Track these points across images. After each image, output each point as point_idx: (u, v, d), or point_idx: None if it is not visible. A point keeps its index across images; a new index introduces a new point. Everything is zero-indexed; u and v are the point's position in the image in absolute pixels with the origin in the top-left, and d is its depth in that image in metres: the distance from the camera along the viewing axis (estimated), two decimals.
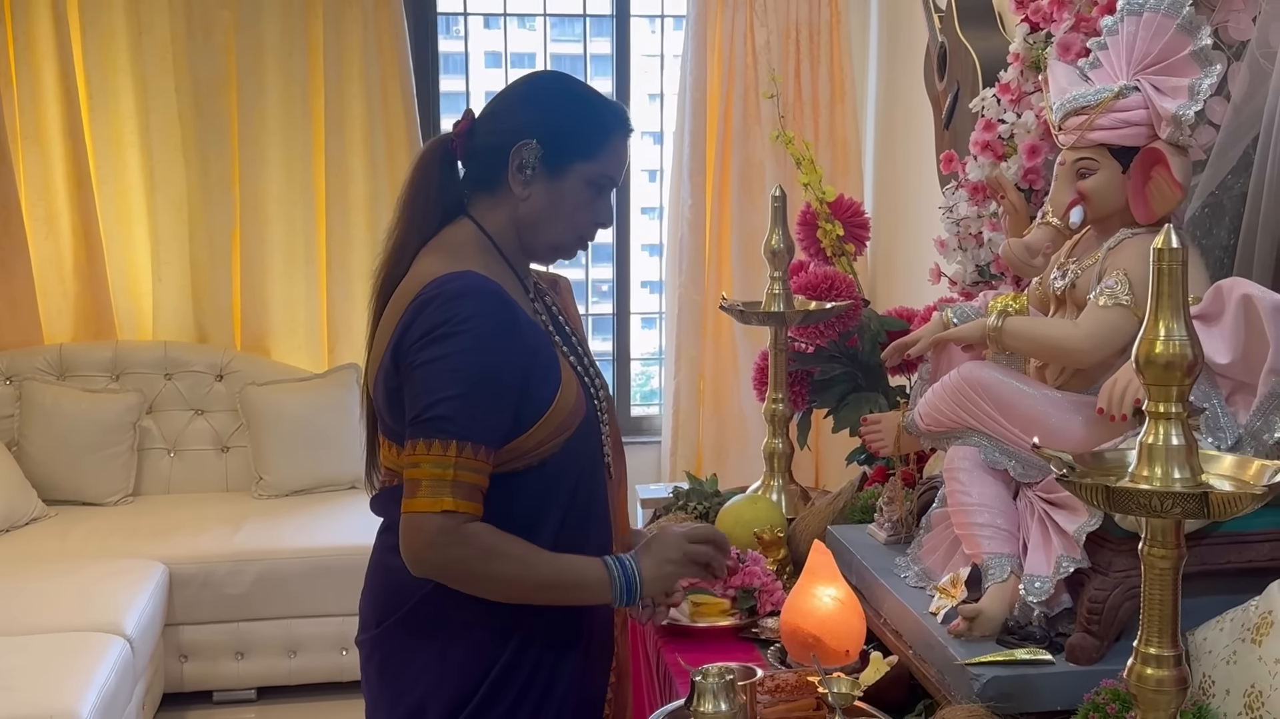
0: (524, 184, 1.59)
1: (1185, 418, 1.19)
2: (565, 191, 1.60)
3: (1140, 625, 1.24)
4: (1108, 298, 1.75)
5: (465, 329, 1.47)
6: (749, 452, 4.49)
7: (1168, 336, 1.17)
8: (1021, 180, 2.38)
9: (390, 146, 4.47)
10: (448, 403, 1.46)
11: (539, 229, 1.62)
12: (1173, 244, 1.18)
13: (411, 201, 1.61)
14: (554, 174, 1.59)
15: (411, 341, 1.48)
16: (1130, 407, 1.60)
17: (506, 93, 1.65)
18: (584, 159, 1.60)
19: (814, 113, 4.51)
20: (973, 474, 1.83)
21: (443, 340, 1.47)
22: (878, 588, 1.98)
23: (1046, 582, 1.68)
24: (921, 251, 3.81)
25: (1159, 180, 1.76)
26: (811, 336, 2.75)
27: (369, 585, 1.67)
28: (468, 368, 1.47)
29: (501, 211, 1.61)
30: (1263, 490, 1.12)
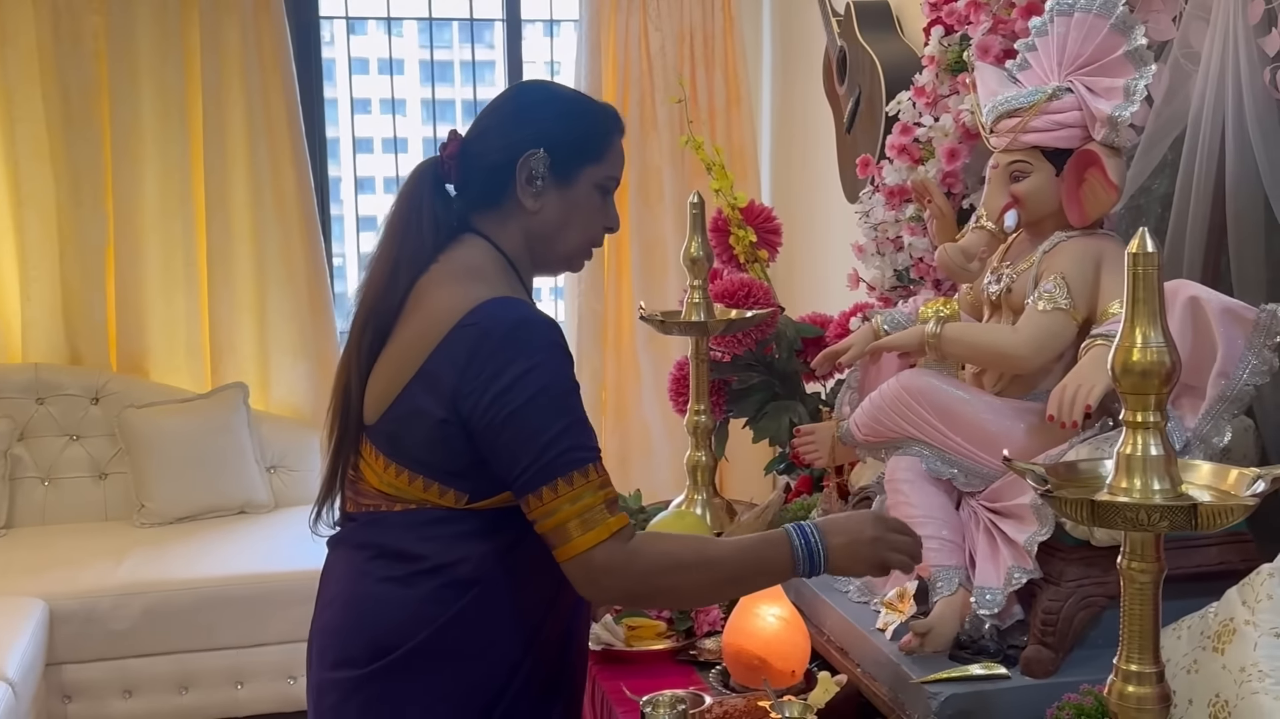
0: (535, 196, 1.56)
1: (1163, 427, 1.16)
2: (577, 198, 1.59)
3: (1120, 642, 1.21)
4: (1046, 302, 1.74)
5: (543, 360, 1.44)
6: (654, 462, 4.44)
7: (1145, 344, 1.15)
8: (941, 184, 2.37)
9: (274, 155, 4.30)
10: (566, 435, 1.42)
11: (554, 240, 1.60)
12: (1147, 248, 1.15)
13: (404, 227, 1.56)
14: (564, 182, 1.57)
15: (486, 379, 1.43)
16: (1081, 412, 1.59)
17: (498, 106, 1.63)
18: (591, 163, 1.59)
19: (710, 118, 4.48)
20: (915, 484, 1.79)
21: (528, 376, 1.43)
22: (819, 604, 1.93)
23: (998, 594, 1.65)
24: (824, 257, 3.80)
25: (1093, 182, 1.76)
26: (728, 345, 2.70)
27: (353, 619, 1.54)
28: (562, 395, 1.44)
29: (513, 227, 1.58)
30: (1251, 501, 1.09)
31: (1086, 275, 1.73)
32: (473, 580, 1.49)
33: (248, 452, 4.24)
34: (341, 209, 5.04)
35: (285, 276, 4.35)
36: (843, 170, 3.44)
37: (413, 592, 1.49)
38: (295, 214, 4.33)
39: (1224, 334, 1.52)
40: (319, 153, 4.50)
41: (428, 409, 1.47)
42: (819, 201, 3.94)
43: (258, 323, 4.39)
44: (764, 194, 4.53)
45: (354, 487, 1.58)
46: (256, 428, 4.29)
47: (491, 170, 1.57)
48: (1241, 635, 1.41)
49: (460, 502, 1.48)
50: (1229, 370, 1.53)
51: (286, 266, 4.35)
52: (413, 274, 1.54)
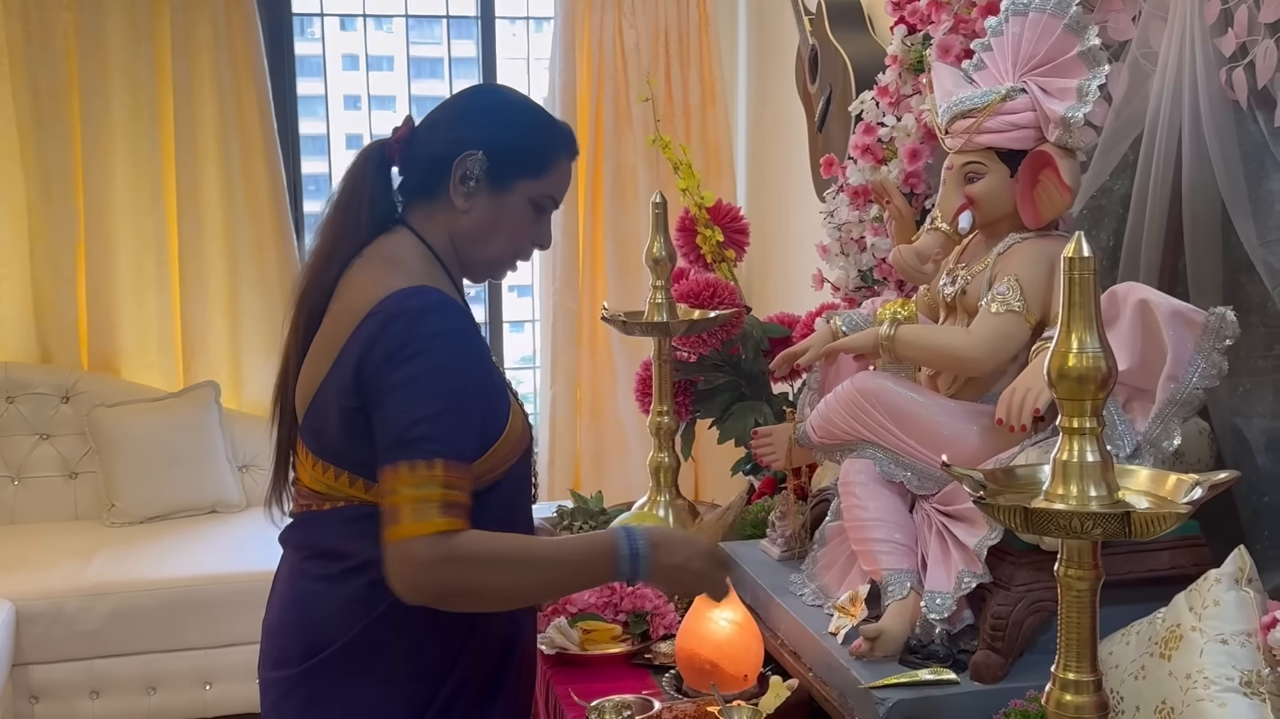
0: (466, 196, 1.55)
1: (1100, 433, 1.15)
2: (507, 208, 1.56)
3: (1058, 650, 1.20)
4: (999, 304, 1.73)
5: (435, 347, 1.42)
6: (629, 462, 4.42)
7: (1080, 349, 1.13)
8: (903, 184, 2.36)
9: (246, 152, 4.27)
10: (427, 423, 1.39)
11: (477, 244, 1.57)
12: (1083, 252, 1.13)
13: (345, 207, 1.55)
14: (497, 189, 1.55)
15: (378, 361, 1.41)
16: (1029, 416, 1.58)
17: (452, 102, 1.61)
18: (529, 176, 1.56)
19: (685, 116, 4.46)
20: (868, 488, 1.78)
21: (412, 360, 1.40)
22: (774, 607, 1.92)
23: (948, 598, 1.64)
24: (797, 256, 3.79)
25: (1047, 184, 1.74)
26: (694, 345, 2.69)
27: (289, 618, 1.55)
28: (441, 385, 1.41)
29: (440, 222, 1.56)
30: (1185, 508, 1.08)
31: (1040, 277, 1.72)
32: None
33: (219, 451, 4.21)
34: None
35: (257, 275, 4.33)
36: (815, 170, 3.42)
37: (344, 589, 1.49)
38: (268, 212, 4.30)
39: (1173, 337, 1.50)
40: (292, 150, 4.47)
41: (339, 399, 1.45)
42: (792, 201, 3.92)
43: (230, 321, 4.36)
44: (739, 193, 4.52)
45: (295, 486, 1.58)
46: (228, 427, 4.26)
47: (430, 163, 1.55)
48: (1188, 642, 1.40)
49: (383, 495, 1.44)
50: (1178, 374, 1.51)
51: (259, 265, 4.33)
52: (346, 258, 1.53)
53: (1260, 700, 1.34)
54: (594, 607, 2.08)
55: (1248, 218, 1.69)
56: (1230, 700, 1.34)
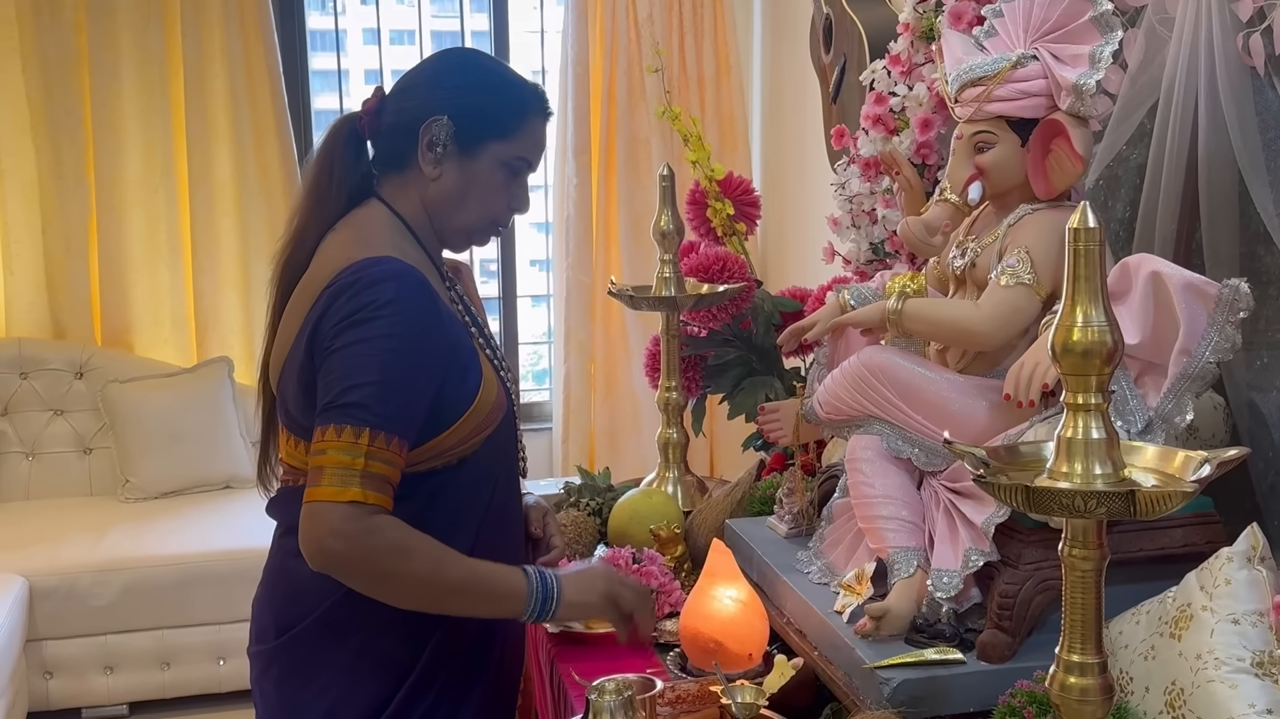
0: (434, 163, 1.53)
1: (1105, 409, 1.12)
2: (478, 172, 1.55)
3: (1062, 631, 1.17)
4: (1009, 277, 1.69)
5: (385, 314, 1.40)
6: (644, 437, 4.40)
7: (1085, 323, 1.10)
8: (915, 155, 2.32)
9: (257, 127, 4.26)
10: (362, 389, 1.38)
11: (450, 211, 1.56)
12: (1089, 223, 1.10)
13: (316, 183, 1.55)
14: (466, 153, 1.54)
15: (329, 328, 1.41)
16: (1038, 392, 1.55)
17: (418, 69, 1.60)
18: (498, 138, 1.55)
19: (699, 87, 4.42)
20: (875, 464, 1.76)
21: (361, 325, 1.39)
22: (780, 585, 1.90)
23: (955, 576, 1.62)
24: (812, 229, 3.75)
25: (1059, 153, 1.70)
26: (704, 320, 2.66)
27: (267, 593, 1.57)
28: (386, 354, 1.39)
29: (412, 192, 1.56)
30: (1192, 487, 1.05)
31: (1051, 249, 1.68)
32: None
33: (233, 426, 4.22)
34: None
35: (269, 249, 4.28)
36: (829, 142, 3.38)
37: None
38: (279, 187, 4.29)
39: (1186, 310, 1.47)
40: (304, 125, 4.45)
41: (298, 371, 1.45)
42: (807, 173, 3.88)
43: (242, 296, 4.36)
44: (755, 165, 4.48)
45: (281, 462, 1.60)
46: (242, 402, 4.27)
47: (399, 130, 1.55)
48: (1199, 622, 1.37)
49: None
50: (1191, 347, 1.48)
51: (271, 240, 4.30)
52: (319, 233, 1.52)
53: (1272, 682, 1.31)
54: None
55: (1265, 187, 1.65)
56: (1241, 682, 1.31)
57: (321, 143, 1.58)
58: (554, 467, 4.55)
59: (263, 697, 1.58)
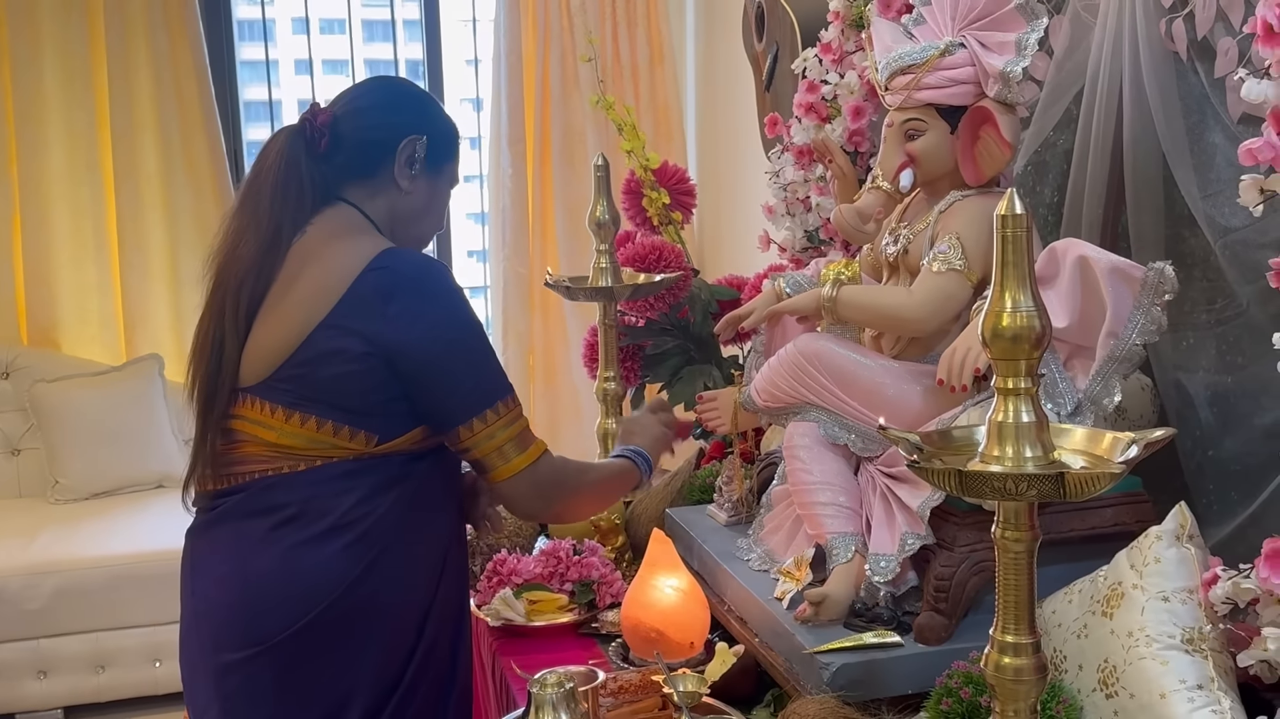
0: (410, 178, 1.66)
1: (1035, 393, 1.13)
2: (438, 190, 1.71)
3: (996, 612, 1.19)
4: (941, 263, 1.71)
5: (458, 299, 1.57)
6: (584, 429, 4.39)
7: (1014, 308, 1.11)
8: (847, 143, 2.34)
9: (184, 118, 4.18)
10: (485, 372, 1.58)
11: (413, 224, 1.69)
12: (1016, 210, 1.11)
13: (284, 190, 1.61)
14: (434, 172, 1.69)
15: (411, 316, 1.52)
16: (970, 376, 1.57)
17: (370, 91, 1.71)
18: (452, 160, 1.73)
19: (633, 76, 4.41)
20: (813, 451, 1.77)
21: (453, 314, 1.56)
22: (720, 573, 1.91)
23: (891, 560, 1.63)
24: (748, 218, 3.76)
25: (987, 140, 1.73)
26: (641, 309, 2.67)
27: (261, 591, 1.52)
28: (480, 333, 1.60)
29: (381, 202, 1.66)
30: (1119, 468, 1.07)
31: (982, 235, 1.70)
32: (379, 534, 1.54)
33: (164, 424, 4.16)
34: None
35: (199, 244, 4.23)
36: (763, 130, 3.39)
37: (326, 550, 1.52)
38: (208, 180, 4.22)
39: (1113, 293, 1.49)
40: (232, 117, 4.38)
41: (346, 348, 1.51)
42: (742, 161, 3.89)
43: (171, 291, 4.29)
44: (690, 154, 4.48)
45: (225, 458, 1.57)
46: (173, 400, 4.19)
47: (369, 146, 1.65)
48: (1129, 599, 1.40)
49: (370, 444, 1.53)
50: (1118, 330, 1.50)
51: (200, 234, 4.24)
52: (291, 235, 1.59)
53: (1201, 658, 1.34)
54: (540, 577, 2.06)
55: (1189, 170, 1.68)
56: (1172, 658, 1.34)
57: (277, 153, 1.63)
58: None
59: (257, 697, 1.52)
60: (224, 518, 1.57)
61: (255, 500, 1.55)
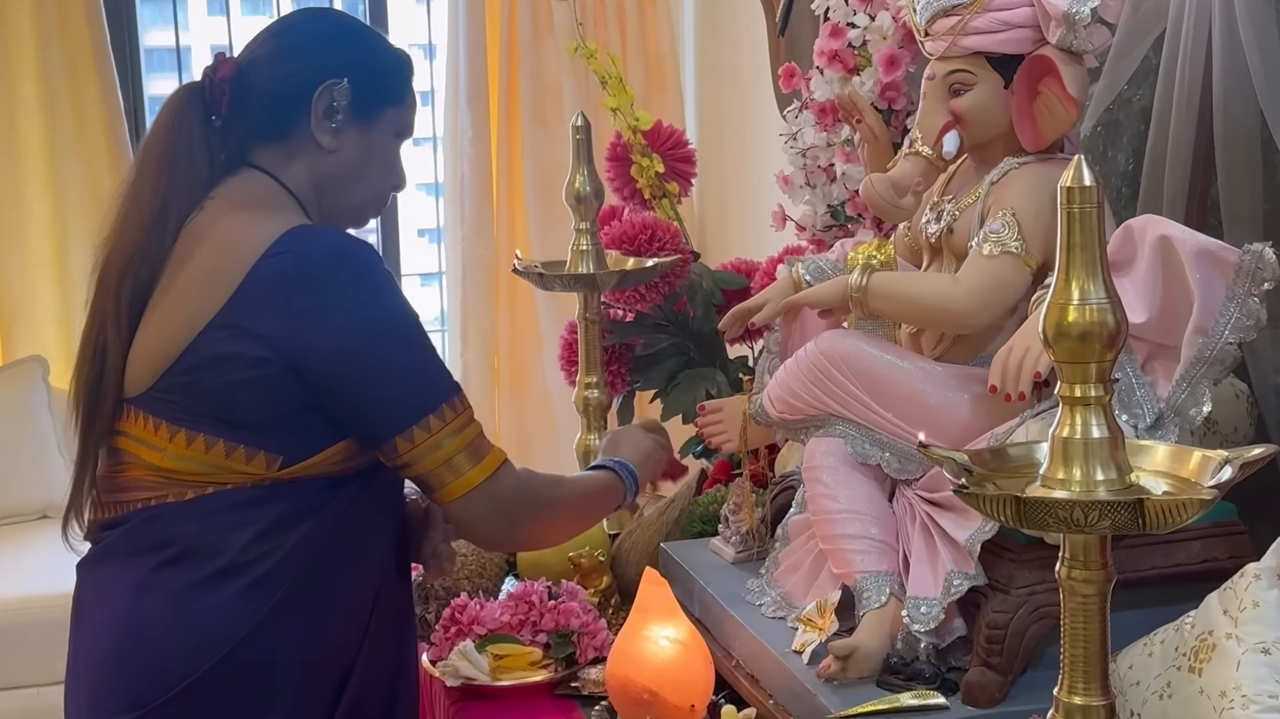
0: (333, 133, 1.63)
1: (1107, 402, 1.15)
2: (375, 142, 1.67)
3: (1061, 668, 1.20)
4: (992, 244, 1.72)
5: (380, 287, 1.55)
6: (559, 443, 4.39)
7: (1082, 299, 1.13)
8: (879, 99, 2.34)
9: (72, 68, 4.18)
10: (422, 372, 1.56)
11: (346, 187, 1.67)
12: (1084, 180, 1.13)
13: (172, 161, 1.60)
14: (364, 121, 1.65)
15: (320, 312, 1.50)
16: (1029, 382, 1.57)
17: (281, 32, 1.70)
18: (393, 104, 1.68)
19: (619, 19, 4.42)
20: (838, 473, 1.78)
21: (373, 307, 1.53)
22: (727, 621, 1.92)
23: (934, 605, 1.64)
24: (760, 190, 3.77)
25: (1049, 95, 1.74)
26: (631, 301, 2.68)
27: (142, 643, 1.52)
28: (412, 326, 1.57)
29: (300, 166, 1.64)
30: (1210, 493, 1.08)
31: (1042, 211, 1.71)
32: (284, 576, 1.51)
33: (49, 439, 4.17)
34: None
35: (91, 223, 4.23)
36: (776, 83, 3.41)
37: (217, 595, 1.50)
38: (101, 143, 4.24)
39: (1201, 281, 1.50)
40: (131, 66, 4.38)
41: (238, 352, 1.49)
42: (751, 122, 3.90)
43: (57, 282, 4.30)
44: (688, 113, 4.50)
45: (111, 482, 1.58)
46: (59, 411, 4.18)
47: (277, 99, 1.62)
48: (1222, 652, 1.41)
49: (272, 467, 1.51)
50: (1207, 326, 1.51)
51: (93, 210, 4.24)
52: (184, 213, 1.57)
53: None
54: (508, 626, 2.06)
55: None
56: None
57: (168, 117, 1.62)
58: None
59: None
60: (107, 554, 1.59)
61: (138, 535, 1.55)
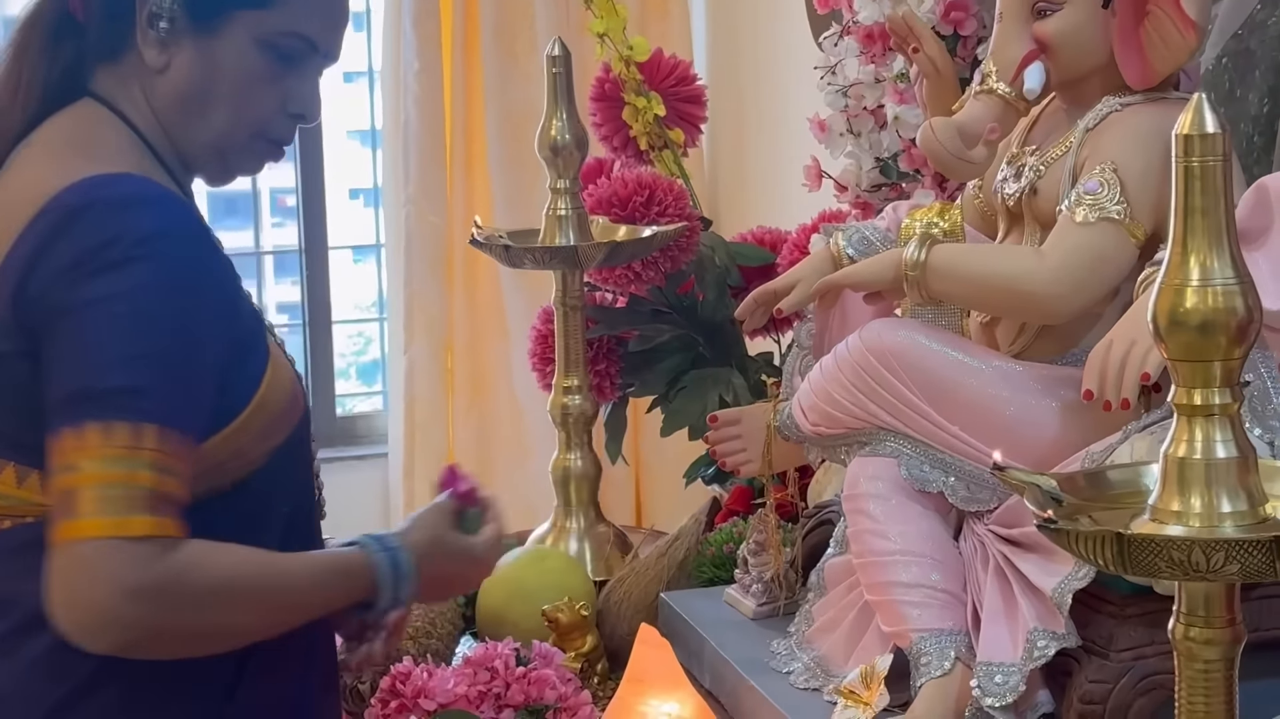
0: (159, 46, 1.54)
1: (1236, 412, 1.15)
2: (223, 58, 1.56)
3: None
4: (1088, 209, 1.74)
5: (148, 254, 1.40)
6: (530, 467, 4.38)
7: (1204, 280, 1.13)
8: (942, 21, 2.35)
9: None
10: (131, 366, 1.38)
11: (189, 116, 1.57)
12: (1206, 126, 1.13)
13: (7, 77, 1.56)
14: (203, 30, 1.54)
15: (53, 276, 1.40)
16: (1135, 387, 1.58)
17: None
18: (249, 5, 1.55)
19: None
20: (890, 502, 1.80)
21: (115, 270, 1.39)
22: (746, 694, 1.92)
23: (1014, 673, 1.66)
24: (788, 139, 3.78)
25: (1160, 16, 1.75)
26: (623, 282, 2.68)
27: None
28: (158, 311, 1.40)
29: (134, 90, 1.57)
30: None
31: (1153, 165, 1.73)
32: None
33: None
34: None
35: None
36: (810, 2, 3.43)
37: (14, 660, 1.46)
38: None
39: None
40: None
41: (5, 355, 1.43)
42: (776, 52, 3.92)
43: None
44: (697, 42, 4.51)
45: None
46: None
47: (108, 6, 1.55)
48: None
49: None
50: None
51: None
52: (6, 148, 1.53)
53: None
54: (463, 699, 2.06)
55: None
56: None
57: (20, 23, 1.59)
58: (389, 512, 4.53)
59: None
60: None
61: None
